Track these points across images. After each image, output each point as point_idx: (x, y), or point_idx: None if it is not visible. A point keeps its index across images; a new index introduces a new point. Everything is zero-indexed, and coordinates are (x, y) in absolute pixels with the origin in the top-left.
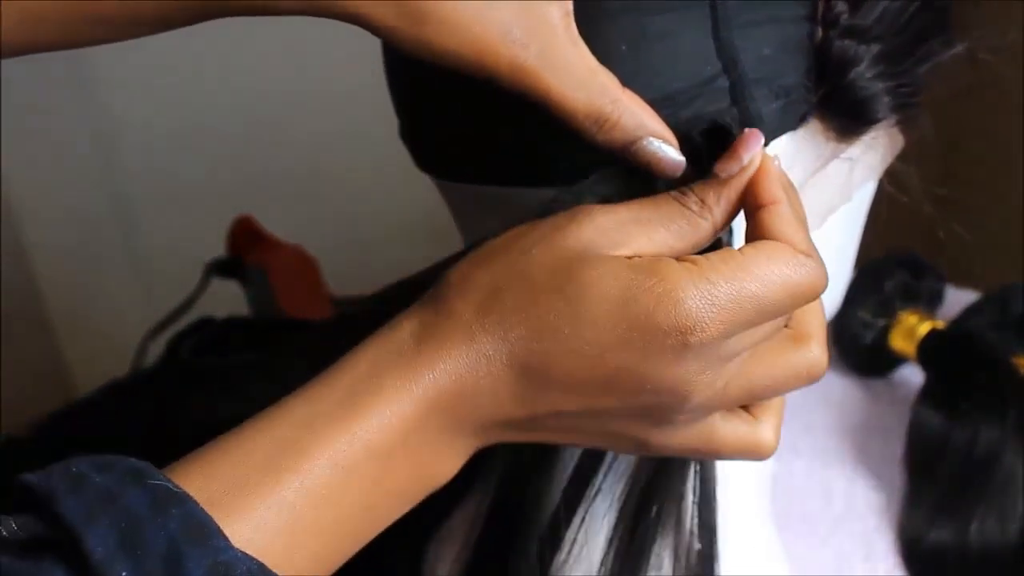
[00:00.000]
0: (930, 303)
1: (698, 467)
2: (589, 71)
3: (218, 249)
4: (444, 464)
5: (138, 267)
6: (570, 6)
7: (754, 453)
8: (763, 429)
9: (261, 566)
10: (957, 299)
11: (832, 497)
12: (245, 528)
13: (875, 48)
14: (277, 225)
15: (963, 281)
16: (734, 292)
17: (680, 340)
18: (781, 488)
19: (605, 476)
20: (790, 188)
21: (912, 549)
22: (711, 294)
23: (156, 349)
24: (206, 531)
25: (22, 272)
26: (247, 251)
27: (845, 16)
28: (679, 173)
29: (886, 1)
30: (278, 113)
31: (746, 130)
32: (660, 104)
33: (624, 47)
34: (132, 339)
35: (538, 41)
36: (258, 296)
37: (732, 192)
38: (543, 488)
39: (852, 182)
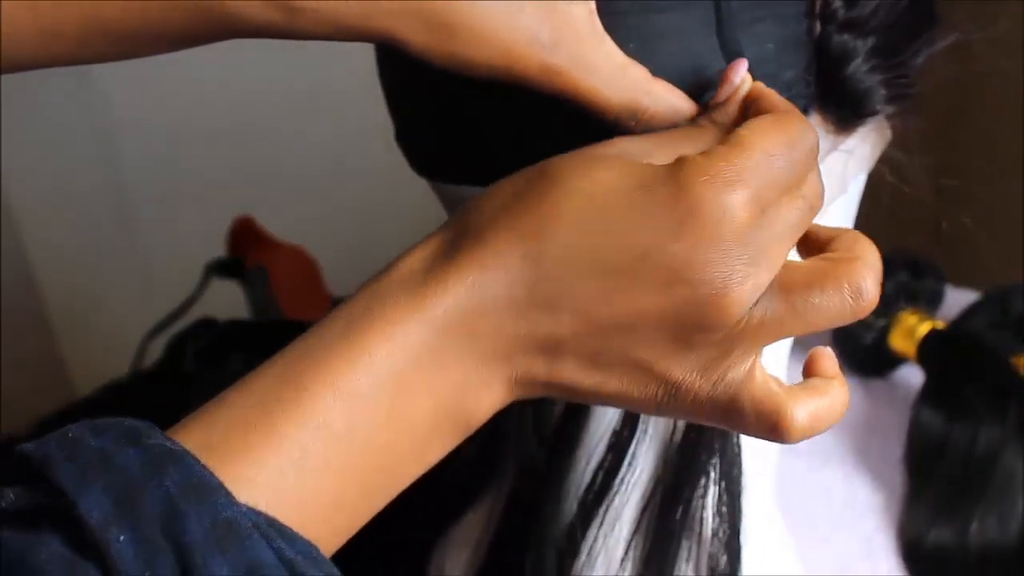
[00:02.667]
0: (930, 303)
1: (721, 467)
2: (619, 67)
3: (218, 249)
4: (474, 397)
5: (138, 267)
6: (593, 4)
7: (774, 426)
8: (795, 407)
9: (268, 519)
10: (957, 299)
11: (832, 497)
12: (248, 468)
13: (871, 41)
14: (277, 225)
15: (963, 281)
16: (747, 156)
17: (716, 216)
18: (781, 488)
19: (624, 478)
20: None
21: (912, 549)
22: (731, 164)
23: (156, 349)
24: (206, 488)
25: (22, 272)
26: (247, 251)
27: (842, 11)
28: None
29: None
30: (278, 113)
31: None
32: None
33: (631, 45)
34: (132, 339)
35: (566, 42)
36: (258, 297)
37: (732, 106)
38: (559, 489)
39: (848, 174)
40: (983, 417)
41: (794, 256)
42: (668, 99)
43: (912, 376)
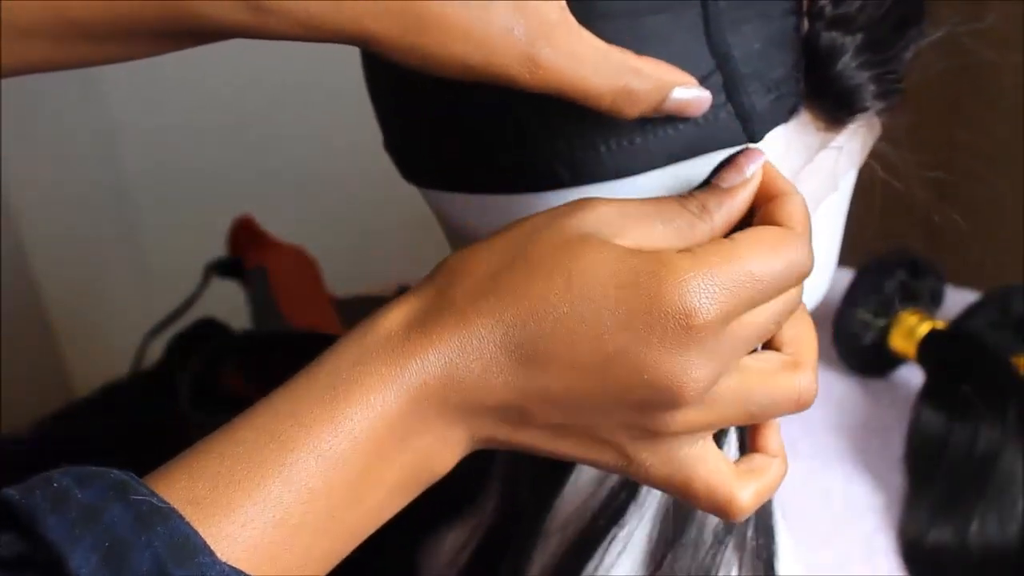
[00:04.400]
0: (930, 303)
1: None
2: (600, 52)
3: (218, 249)
4: (438, 456)
5: (138, 267)
6: (564, 2)
7: (724, 509)
8: (742, 490)
9: None
10: (957, 299)
11: (832, 497)
12: (231, 526)
13: (859, 37)
14: (277, 225)
15: (963, 281)
16: (732, 272)
17: (683, 324)
18: (781, 489)
19: (618, 535)
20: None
21: (912, 549)
22: (712, 276)
23: (156, 349)
24: (191, 547)
25: (22, 272)
26: (247, 251)
27: (829, 7)
28: (708, 105)
29: None
30: (279, 113)
31: (749, 146)
32: None
33: None
34: (132, 339)
35: (542, 35)
36: (258, 296)
37: (733, 201)
38: (540, 525)
39: (838, 170)
40: (983, 417)
41: None
42: (656, 75)
43: (912, 376)
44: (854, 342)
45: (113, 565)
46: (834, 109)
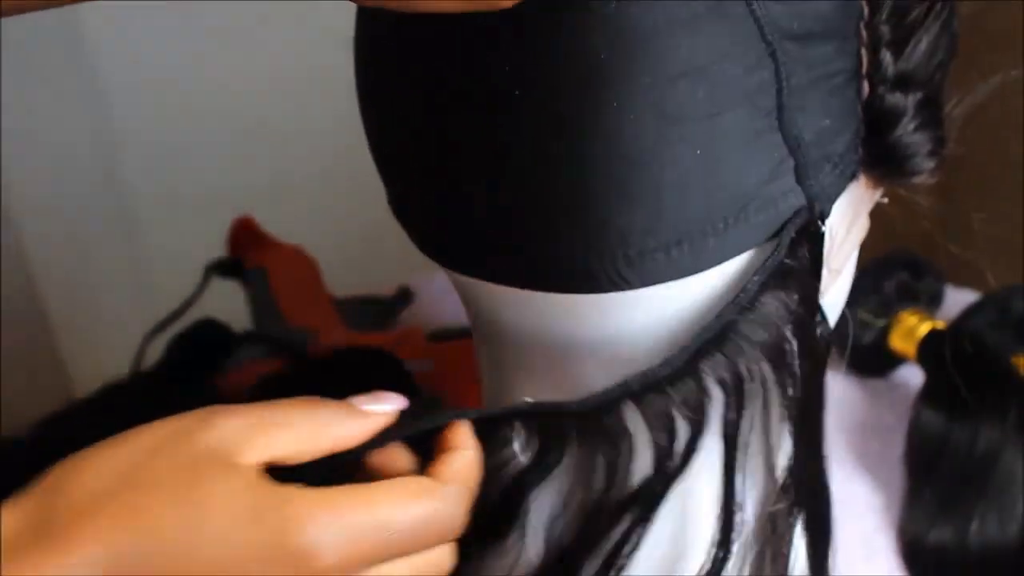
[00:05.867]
0: (930, 303)
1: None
2: None
3: (218, 250)
4: None
5: (138, 267)
6: None
7: None
8: None
9: None
10: (957, 299)
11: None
12: None
13: (918, 95)
14: (277, 225)
15: (963, 281)
16: (360, 518)
17: (305, 565)
18: None
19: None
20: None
21: (913, 549)
22: (338, 519)
23: (156, 349)
24: None
25: (22, 272)
26: (247, 251)
27: (891, 66)
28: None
29: (923, 37)
30: (279, 113)
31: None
32: (733, 200)
33: (698, 151)
34: (132, 339)
35: None
36: (259, 297)
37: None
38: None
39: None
40: (983, 417)
41: None
42: None
43: (912, 376)
44: (854, 342)
45: None
46: (889, 174)
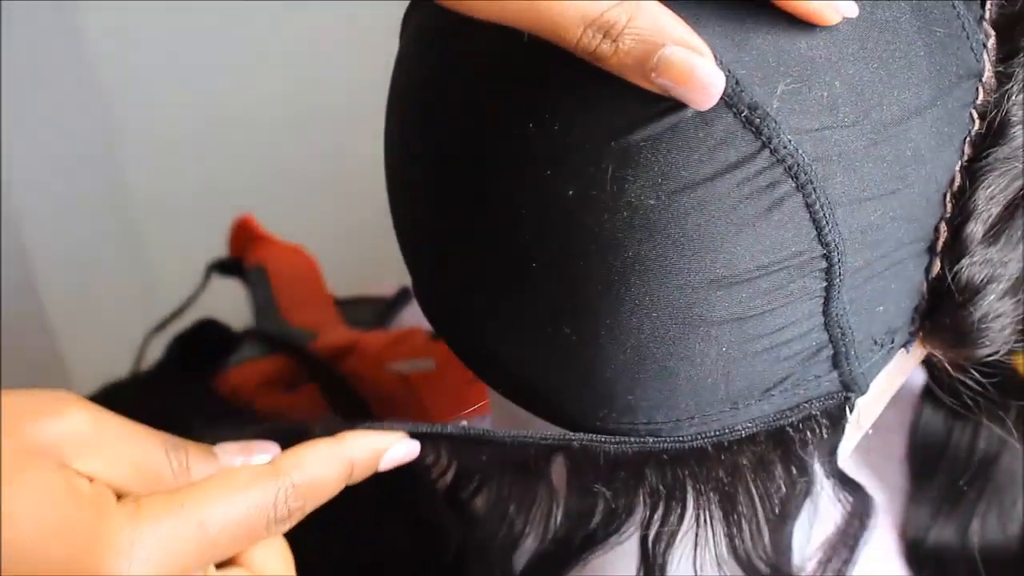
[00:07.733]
0: None
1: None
2: None
3: (219, 249)
4: None
5: (138, 267)
6: None
7: None
8: None
9: None
10: None
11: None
12: None
13: (1013, 269)
14: (277, 225)
15: None
16: (177, 526)
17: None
18: None
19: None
20: None
21: (914, 548)
22: (152, 531)
23: (156, 349)
24: None
25: (22, 272)
26: (247, 251)
27: (981, 245)
28: (714, 99)
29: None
30: (279, 113)
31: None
32: (754, 389)
33: (723, 349)
34: (132, 339)
35: None
36: (260, 296)
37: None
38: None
39: None
40: (983, 417)
41: None
42: (649, 9)
43: (912, 376)
44: None
45: None
46: (956, 344)
